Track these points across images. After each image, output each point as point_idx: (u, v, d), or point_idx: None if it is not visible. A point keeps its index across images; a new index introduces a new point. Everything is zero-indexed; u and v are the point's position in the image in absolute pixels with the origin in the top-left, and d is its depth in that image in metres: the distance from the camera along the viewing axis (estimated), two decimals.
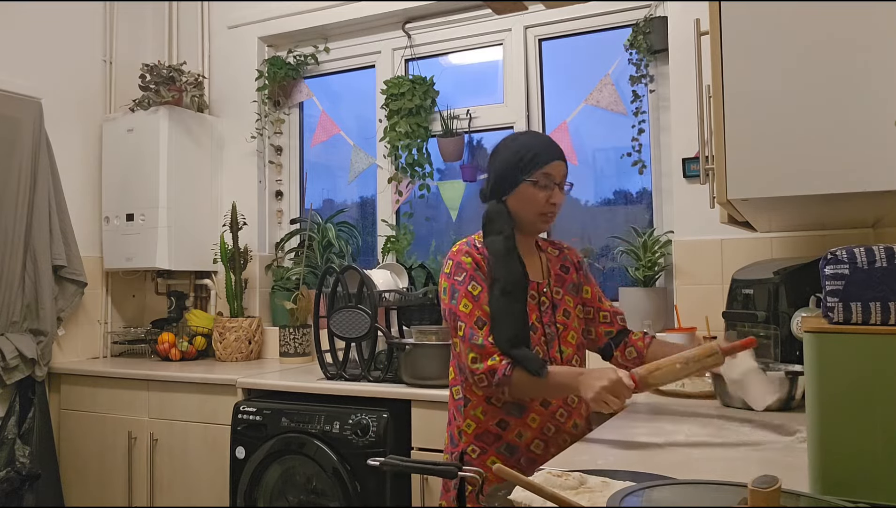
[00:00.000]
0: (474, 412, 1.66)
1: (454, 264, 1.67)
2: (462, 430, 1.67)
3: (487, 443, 1.65)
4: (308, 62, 3.51)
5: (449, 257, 1.69)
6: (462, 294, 1.62)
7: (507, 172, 1.69)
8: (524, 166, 1.66)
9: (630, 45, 2.84)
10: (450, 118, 3.21)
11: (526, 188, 1.67)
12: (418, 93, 3.22)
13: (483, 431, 1.65)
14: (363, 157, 3.37)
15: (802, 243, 2.47)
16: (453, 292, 1.64)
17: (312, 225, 3.43)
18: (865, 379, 0.96)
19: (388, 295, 2.69)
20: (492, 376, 1.56)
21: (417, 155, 3.24)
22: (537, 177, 1.66)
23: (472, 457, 1.64)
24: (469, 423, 1.66)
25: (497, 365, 1.56)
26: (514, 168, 1.67)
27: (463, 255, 1.67)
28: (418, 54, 3.35)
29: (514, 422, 1.65)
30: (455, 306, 1.62)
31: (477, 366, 1.57)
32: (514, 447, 1.65)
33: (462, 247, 1.69)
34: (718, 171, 1.38)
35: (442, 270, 1.70)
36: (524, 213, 1.69)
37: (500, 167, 1.70)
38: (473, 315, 1.60)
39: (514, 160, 1.68)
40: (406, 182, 3.28)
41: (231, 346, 3.23)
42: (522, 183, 1.67)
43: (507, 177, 1.68)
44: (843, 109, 1.27)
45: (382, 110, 3.32)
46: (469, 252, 1.67)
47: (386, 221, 3.35)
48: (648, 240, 2.73)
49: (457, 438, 1.68)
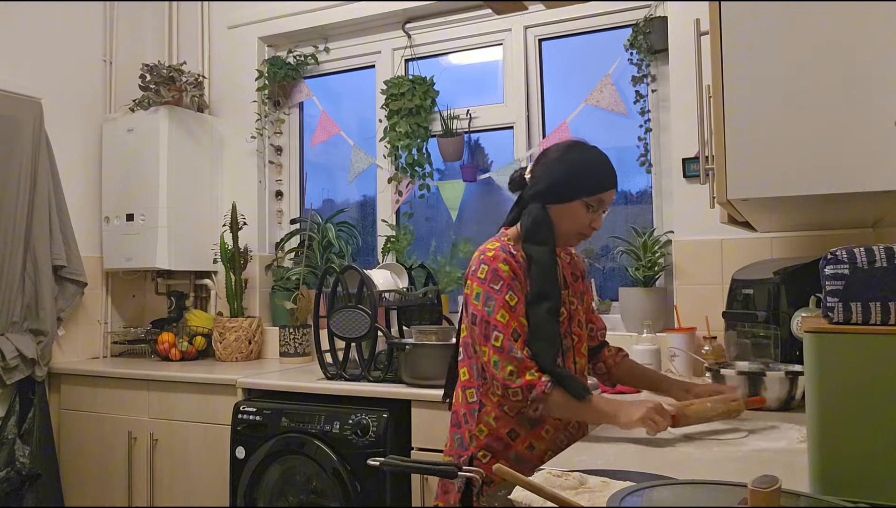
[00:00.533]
0: (487, 419, 1.64)
1: (490, 270, 1.60)
2: (474, 435, 1.64)
3: (497, 450, 1.63)
4: (308, 62, 3.51)
5: (483, 261, 1.62)
6: (499, 304, 1.57)
7: (565, 183, 1.64)
8: (586, 185, 1.63)
9: (630, 45, 2.84)
10: (450, 118, 3.21)
11: (578, 206, 1.64)
12: (418, 93, 3.22)
13: (494, 438, 1.63)
14: (363, 157, 3.37)
15: (802, 243, 2.47)
16: (488, 300, 1.58)
17: (312, 225, 3.43)
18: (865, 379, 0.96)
19: (388, 295, 2.69)
20: (529, 391, 1.52)
21: (417, 155, 3.24)
22: (594, 200, 1.64)
23: (482, 463, 1.62)
24: (482, 429, 1.64)
25: (536, 381, 1.52)
26: (575, 183, 1.63)
27: (500, 262, 1.60)
28: (418, 54, 3.35)
29: (525, 433, 1.64)
30: (490, 314, 1.57)
31: (514, 380, 1.53)
32: (524, 458, 1.63)
33: (498, 253, 1.62)
34: (718, 171, 1.38)
35: (472, 272, 1.63)
36: (564, 227, 1.66)
37: (559, 176, 1.64)
38: (510, 326, 1.56)
39: (578, 175, 1.64)
40: (406, 182, 3.28)
41: (231, 346, 3.23)
42: (577, 201, 1.64)
43: (564, 188, 1.64)
44: (843, 110, 1.27)
45: (382, 110, 3.32)
46: (507, 260, 1.61)
47: (386, 221, 3.35)
48: (648, 240, 2.73)
49: (467, 442, 1.65)
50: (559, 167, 1.65)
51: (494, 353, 1.56)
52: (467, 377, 1.69)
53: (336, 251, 3.37)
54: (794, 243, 2.49)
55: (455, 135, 3.18)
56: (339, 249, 3.37)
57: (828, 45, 1.29)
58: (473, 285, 1.62)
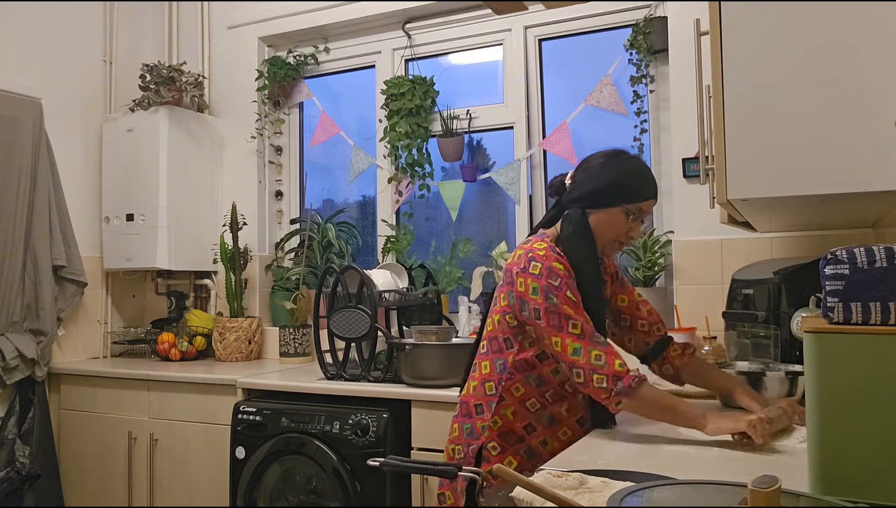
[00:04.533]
0: (505, 412, 1.64)
1: (545, 267, 1.58)
2: (487, 426, 1.64)
3: (509, 443, 1.64)
4: (308, 62, 3.51)
5: (533, 259, 1.59)
6: (563, 298, 1.55)
7: (607, 189, 1.63)
8: (629, 193, 1.63)
9: (630, 46, 2.84)
10: (450, 118, 3.21)
11: (618, 213, 1.64)
12: (418, 93, 3.22)
13: (508, 430, 1.64)
14: (363, 157, 3.37)
15: (802, 243, 2.47)
16: (549, 294, 1.56)
17: (312, 225, 3.43)
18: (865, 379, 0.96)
19: (388, 295, 2.69)
20: (615, 381, 1.49)
21: (417, 155, 3.24)
22: (634, 208, 1.64)
23: (493, 454, 1.63)
24: (496, 420, 1.64)
25: (623, 373, 1.50)
26: (617, 189, 1.63)
27: (554, 261, 1.59)
28: (418, 54, 3.35)
29: (542, 429, 1.64)
30: (557, 306, 1.55)
31: (601, 366, 1.50)
32: (535, 451, 1.64)
33: (549, 253, 1.60)
34: (718, 171, 1.38)
35: (521, 269, 1.61)
36: (603, 235, 1.66)
37: (602, 182, 1.64)
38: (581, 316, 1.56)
39: (620, 182, 1.63)
40: (406, 182, 3.28)
41: (231, 346, 3.23)
42: (618, 207, 1.64)
43: (605, 194, 1.64)
44: (843, 110, 1.27)
45: (382, 110, 3.32)
46: (559, 260, 1.60)
47: (386, 221, 3.35)
48: (648, 240, 2.73)
49: (478, 431, 1.65)
50: (603, 173, 1.65)
51: (575, 340, 1.52)
52: (488, 371, 1.68)
53: (336, 251, 3.37)
54: (794, 243, 2.49)
55: (455, 135, 3.18)
56: (339, 249, 3.37)
57: (828, 46, 1.29)
58: (528, 281, 1.59)
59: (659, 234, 2.79)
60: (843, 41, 1.28)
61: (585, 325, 1.53)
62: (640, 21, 2.82)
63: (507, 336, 1.66)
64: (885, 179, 1.24)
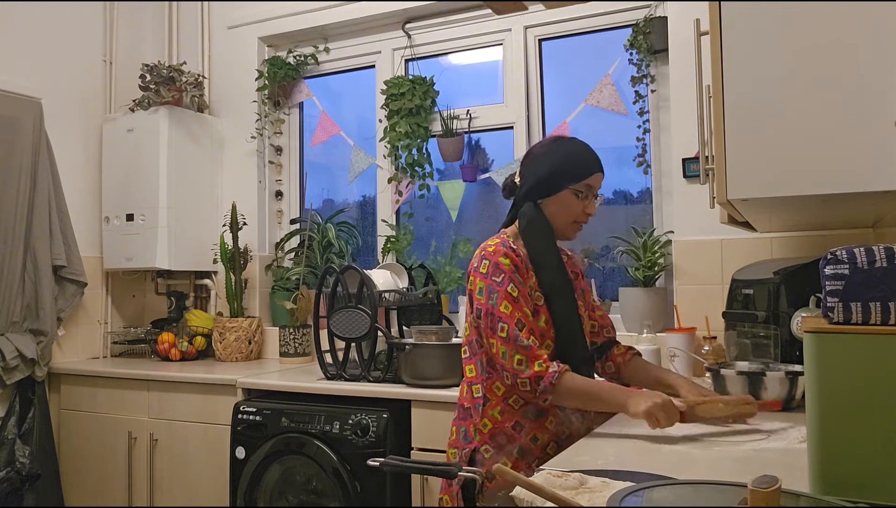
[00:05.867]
0: (492, 413, 1.66)
1: (491, 264, 1.63)
2: (478, 429, 1.66)
3: (501, 444, 1.65)
4: (308, 62, 3.51)
5: (483, 257, 1.65)
6: (502, 296, 1.60)
7: (550, 176, 1.68)
8: (569, 174, 1.67)
9: (630, 46, 2.84)
10: (450, 118, 3.21)
11: (567, 196, 1.68)
12: (418, 93, 3.22)
13: (498, 431, 1.65)
14: (363, 157, 3.37)
15: (802, 243, 2.47)
16: (490, 293, 1.61)
17: (312, 225, 3.43)
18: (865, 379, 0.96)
19: (388, 295, 2.69)
20: (537, 382, 1.55)
21: (417, 155, 3.24)
22: (581, 186, 1.67)
23: (485, 457, 1.64)
24: (485, 422, 1.66)
25: (544, 373, 1.55)
26: (559, 174, 1.67)
27: (501, 256, 1.63)
28: (418, 54, 3.35)
29: (530, 425, 1.65)
30: (494, 306, 1.59)
31: (523, 370, 1.56)
32: (527, 450, 1.65)
33: (498, 248, 1.65)
34: (718, 171, 1.38)
35: (473, 268, 1.66)
36: (559, 219, 1.70)
37: (543, 171, 1.69)
38: (514, 317, 1.58)
39: (558, 166, 1.68)
40: (406, 182, 3.28)
41: (231, 346, 3.23)
42: (565, 190, 1.67)
43: (549, 181, 1.68)
44: (843, 110, 1.27)
45: (382, 110, 3.32)
46: (507, 254, 1.64)
47: (386, 221, 3.35)
48: (648, 240, 2.73)
49: (471, 435, 1.67)
50: (542, 161, 1.71)
51: (502, 344, 1.58)
52: (473, 374, 1.71)
53: (336, 251, 3.37)
54: (794, 243, 2.49)
55: (455, 135, 3.18)
56: (339, 249, 3.37)
57: (828, 45, 1.29)
58: (476, 281, 1.65)
59: (659, 234, 2.79)
60: (843, 41, 1.28)
61: (513, 329, 1.58)
62: (640, 21, 2.82)
63: (476, 338, 1.69)
64: (885, 179, 1.24)
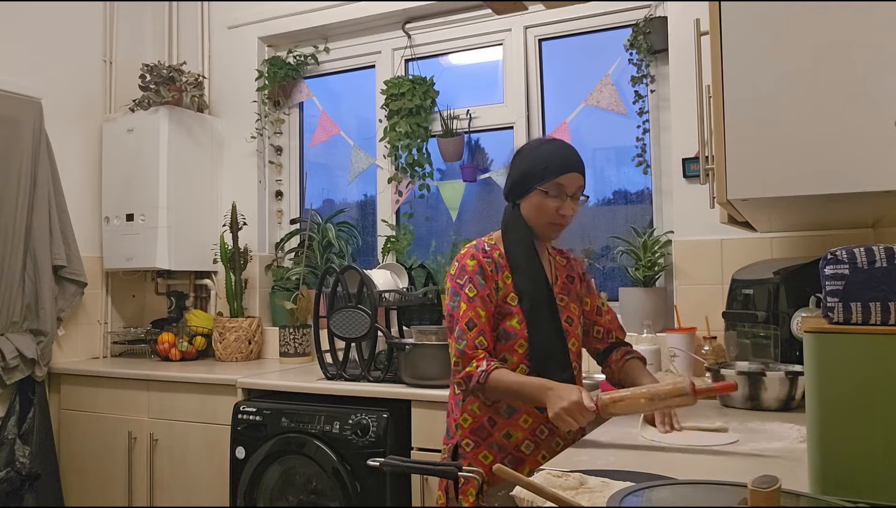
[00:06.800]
0: (471, 408, 1.71)
1: (459, 266, 1.70)
2: (459, 424, 1.72)
3: (481, 437, 1.69)
4: (308, 62, 3.51)
5: (456, 259, 1.73)
6: (462, 298, 1.66)
7: (522, 177, 1.72)
8: (538, 175, 1.69)
9: (630, 46, 2.84)
10: (450, 118, 3.21)
11: (537, 196, 1.70)
12: (418, 93, 3.22)
13: (478, 426, 1.70)
14: (363, 157, 3.37)
15: (802, 243, 2.47)
16: (454, 295, 1.69)
17: (312, 225, 3.43)
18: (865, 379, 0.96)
19: (388, 295, 2.69)
20: (468, 381, 1.62)
21: (417, 155, 3.24)
22: (548, 187, 1.68)
23: (466, 451, 1.69)
24: (466, 417, 1.71)
25: (473, 372, 1.61)
26: (529, 175, 1.70)
27: (468, 258, 1.70)
28: (418, 54, 3.35)
29: (503, 422, 1.69)
30: (455, 309, 1.67)
31: (458, 370, 1.64)
32: (502, 446, 1.69)
33: (469, 250, 1.72)
34: (718, 171, 1.38)
35: (449, 270, 1.75)
36: (535, 220, 1.72)
37: (517, 172, 1.73)
38: (466, 317, 1.65)
39: (529, 167, 1.71)
40: (406, 182, 3.27)
41: (231, 346, 3.23)
42: (534, 191, 1.69)
43: (521, 183, 1.72)
44: (843, 110, 1.27)
45: (382, 110, 3.32)
46: (474, 255, 1.70)
47: (386, 221, 3.35)
48: (648, 240, 2.73)
49: (453, 431, 1.73)
50: (517, 164, 1.75)
51: (453, 344, 1.66)
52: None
53: (336, 251, 3.37)
54: (794, 243, 2.49)
55: (455, 135, 3.18)
56: (339, 249, 3.37)
57: (828, 46, 1.29)
58: (447, 282, 1.73)
59: (659, 234, 2.79)
60: (842, 41, 1.28)
61: (461, 331, 1.64)
62: (640, 21, 2.82)
63: None
64: (885, 179, 1.24)
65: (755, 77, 1.34)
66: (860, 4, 1.26)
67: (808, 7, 1.30)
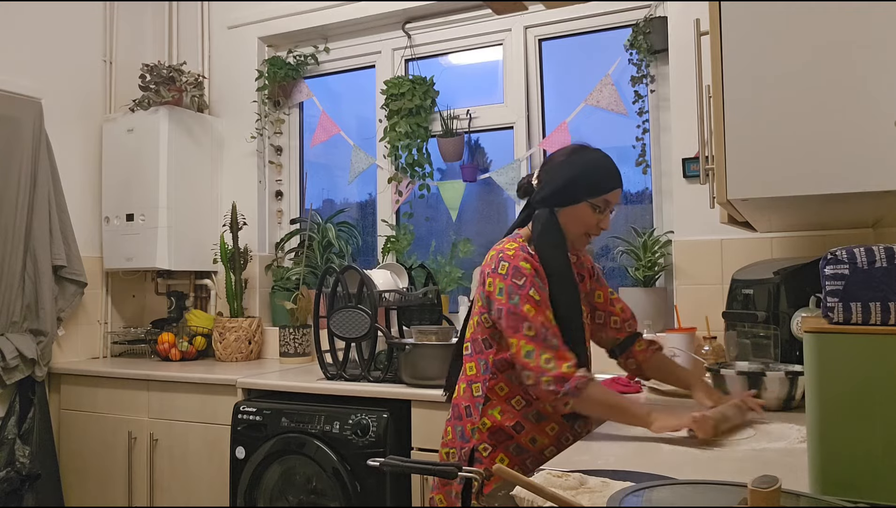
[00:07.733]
0: (492, 412, 1.66)
1: (511, 267, 1.61)
2: (476, 427, 1.66)
3: (499, 441, 1.65)
4: (308, 62, 3.51)
5: (503, 259, 1.63)
6: (524, 298, 1.58)
7: (570, 186, 1.66)
8: (591, 187, 1.65)
9: (630, 46, 2.84)
10: (450, 118, 3.21)
11: (584, 208, 1.66)
12: (418, 93, 3.22)
13: (497, 429, 1.65)
14: (363, 157, 3.37)
15: (802, 243, 2.47)
16: (512, 294, 1.59)
17: (312, 225, 3.43)
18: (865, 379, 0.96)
19: (388, 295, 2.69)
20: (562, 383, 1.52)
21: (417, 155, 3.24)
22: (599, 201, 1.66)
23: (483, 455, 1.64)
24: (485, 422, 1.66)
25: (571, 374, 1.52)
26: (579, 185, 1.66)
27: (521, 260, 1.62)
28: (418, 54, 3.35)
29: (530, 427, 1.66)
30: (516, 306, 1.58)
31: (551, 369, 1.52)
32: (525, 448, 1.65)
33: (518, 252, 1.63)
34: (718, 171, 1.38)
35: (492, 270, 1.64)
36: (572, 229, 1.69)
37: (563, 180, 1.67)
38: (539, 318, 1.57)
39: (581, 178, 1.66)
40: (406, 182, 3.28)
41: (231, 346, 3.23)
42: (583, 202, 1.66)
43: (568, 191, 1.66)
44: (843, 110, 1.27)
45: (382, 110, 3.32)
46: (527, 259, 1.62)
47: (386, 221, 3.35)
48: (648, 240, 2.73)
49: (468, 434, 1.67)
50: (564, 171, 1.68)
51: (528, 342, 1.55)
52: (474, 372, 1.70)
53: (336, 251, 3.37)
54: (794, 243, 2.49)
55: (455, 135, 3.18)
56: (339, 249, 3.37)
57: (828, 45, 1.29)
58: (496, 282, 1.63)
59: (659, 234, 2.79)
60: (842, 41, 1.28)
61: (541, 328, 1.56)
62: (640, 21, 2.82)
63: (485, 337, 1.68)
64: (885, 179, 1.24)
65: (755, 77, 1.34)
66: (860, 4, 1.26)
67: (808, 7, 1.31)
